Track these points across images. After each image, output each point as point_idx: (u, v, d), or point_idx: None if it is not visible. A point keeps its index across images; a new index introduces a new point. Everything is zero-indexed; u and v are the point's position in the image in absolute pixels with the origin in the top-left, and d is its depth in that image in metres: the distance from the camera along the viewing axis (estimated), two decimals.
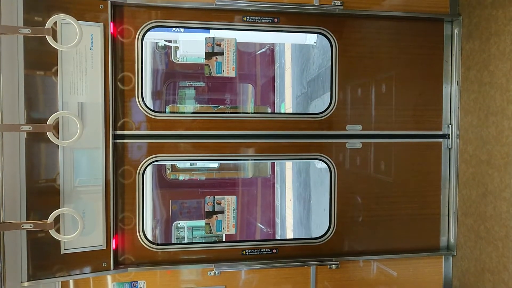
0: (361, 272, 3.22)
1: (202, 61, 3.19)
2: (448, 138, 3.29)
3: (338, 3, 3.05)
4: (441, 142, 3.30)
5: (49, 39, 2.35)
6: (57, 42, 2.56)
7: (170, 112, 5.29)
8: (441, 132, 3.30)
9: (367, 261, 3.23)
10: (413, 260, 3.27)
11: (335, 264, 3.11)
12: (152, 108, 2.96)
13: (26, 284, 2.58)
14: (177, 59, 5.82)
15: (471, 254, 3.08)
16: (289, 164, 7.30)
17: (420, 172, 3.29)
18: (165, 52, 5.80)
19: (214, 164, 6.11)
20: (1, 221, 2.32)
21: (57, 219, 2.51)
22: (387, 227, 3.27)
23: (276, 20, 3.07)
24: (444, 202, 3.32)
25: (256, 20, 3.05)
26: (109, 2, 2.76)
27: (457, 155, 3.25)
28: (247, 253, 3.10)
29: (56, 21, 2.48)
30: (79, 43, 2.43)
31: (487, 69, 2.91)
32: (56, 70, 2.65)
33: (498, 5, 2.81)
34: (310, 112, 6.75)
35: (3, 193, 2.34)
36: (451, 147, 3.28)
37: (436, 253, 3.30)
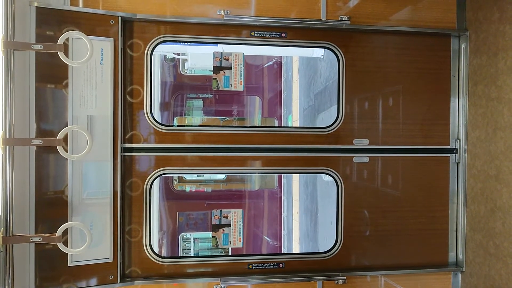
0: None
1: (210, 73, 3.22)
2: (456, 152, 3.28)
3: (345, 18, 3.07)
4: (449, 156, 3.29)
5: (60, 55, 2.40)
6: (68, 56, 2.60)
7: (178, 125, 5.32)
8: (448, 147, 3.29)
9: (375, 277, 3.20)
10: (421, 276, 3.24)
11: (342, 280, 3.08)
12: (160, 121, 2.99)
13: None
14: (185, 71, 5.87)
15: (480, 271, 3.04)
16: (296, 177, 7.28)
17: (427, 186, 3.28)
18: (173, 64, 5.86)
19: (221, 176, 6.12)
20: (11, 234, 2.34)
21: (65, 232, 2.52)
22: (394, 242, 3.25)
23: (283, 35, 3.10)
24: (452, 217, 3.30)
25: (264, 35, 3.08)
26: (119, 17, 2.81)
27: (465, 170, 3.23)
28: (253, 267, 3.09)
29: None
30: (90, 59, 2.48)
31: (495, 84, 2.91)
32: (67, 84, 2.70)
33: (506, 20, 2.82)
34: (317, 125, 6.76)
35: (13, 205, 2.36)
36: (459, 162, 3.26)
37: (445, 269, 3.26)
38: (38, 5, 2.60)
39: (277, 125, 6.27)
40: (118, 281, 2.84)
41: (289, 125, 7.76)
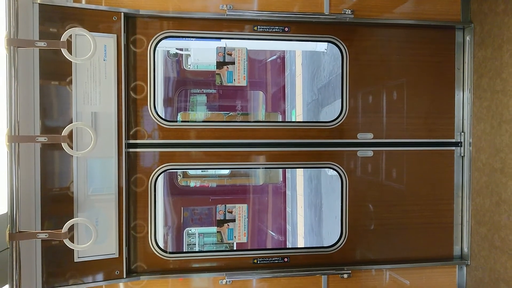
0: (373, 282, 3.19)
1: (213, 68, 3.22)
2: (461, 146, 3.26)
3: (349, 11, 3.06)
4: (454, 150, 3.28)
5: (64, 52, 2.40)
6: (71, 52, 2.61)
7: (182, 121, 5.33)
8: (453, 140, 3.27)
9: (380, 270, 3.20)
10: (426, 270, 3.24)
11: (347, 273, 3.09)
12: (163, 117, 3.00)
13: None
14: (189, 67, 5.87)
15: (485, 264, 3.04)
16: (300, 171, 7.28)
17: (432, 180, 3.27)
18: (176, 59, 5.86)
19: (225, 171, 6.13)
20: (17, 231, 2.36)
21: (71, 228, 2.54)
22: (399, 235, 3.25)
23: (286, 29, 3.09)
24: (457, 211, 3.29)
25: (267, 30, 3.07)
26: (122, 13, 2.81)
27: (470, 163, 3.21)
28: (258, 262, 3.10)
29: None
30: (93, 55, 2.48)
31: (500, 76, 2.89)
32: (70, 81, 2.70)
33: (511, 12, 2.79)
34: (321, 120, 6.74)
35: (19, 202, 2.38)
36: (464, 155, 3.25)
37: (450, 262, 3.26)
38: (41, 2, 2.60)
39: (280, 120, 6.27)
40: (124, 276, 2.86)
41: (293, 120, 7.76)
